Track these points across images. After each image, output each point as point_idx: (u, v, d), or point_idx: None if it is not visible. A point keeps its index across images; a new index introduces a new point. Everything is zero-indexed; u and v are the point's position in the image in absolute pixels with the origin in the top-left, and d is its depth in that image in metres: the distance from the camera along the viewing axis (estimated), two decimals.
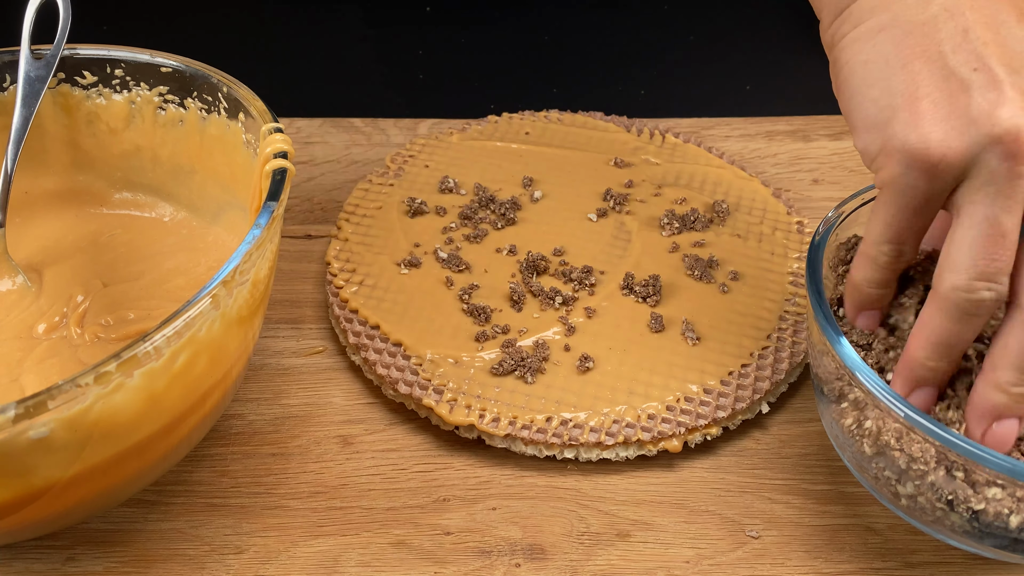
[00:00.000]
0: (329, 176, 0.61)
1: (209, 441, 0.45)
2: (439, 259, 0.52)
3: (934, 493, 0.36)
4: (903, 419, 0.35)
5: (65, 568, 0.40)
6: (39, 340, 0.43)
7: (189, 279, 0.47)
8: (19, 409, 0.29)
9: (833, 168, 0.63)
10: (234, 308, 0.36)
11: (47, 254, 0.48)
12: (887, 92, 0.36)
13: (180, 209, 0.50)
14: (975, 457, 0.34)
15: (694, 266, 0.51)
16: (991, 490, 0.35)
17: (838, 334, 0.38)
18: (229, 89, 0.45)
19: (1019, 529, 0.35)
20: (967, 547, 0.38)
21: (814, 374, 0.42)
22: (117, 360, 0.31)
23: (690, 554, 0.41)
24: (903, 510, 0.39)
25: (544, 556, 0.41)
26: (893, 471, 0.37)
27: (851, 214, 0.45)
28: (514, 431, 0.44)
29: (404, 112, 0.66)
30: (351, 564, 0.40)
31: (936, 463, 0.36)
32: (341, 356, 0.49)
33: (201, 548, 0.41)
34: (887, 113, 0.35)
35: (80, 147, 0.50)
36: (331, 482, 0.43)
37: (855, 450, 0.39)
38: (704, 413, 0.44)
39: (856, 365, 0.37)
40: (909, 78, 0.35)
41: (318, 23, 0.80)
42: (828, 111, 0.68)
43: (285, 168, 0.40)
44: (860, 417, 0.38)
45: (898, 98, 0.35)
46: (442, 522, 0.42)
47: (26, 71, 0.46)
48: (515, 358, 0.46)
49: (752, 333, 0.49)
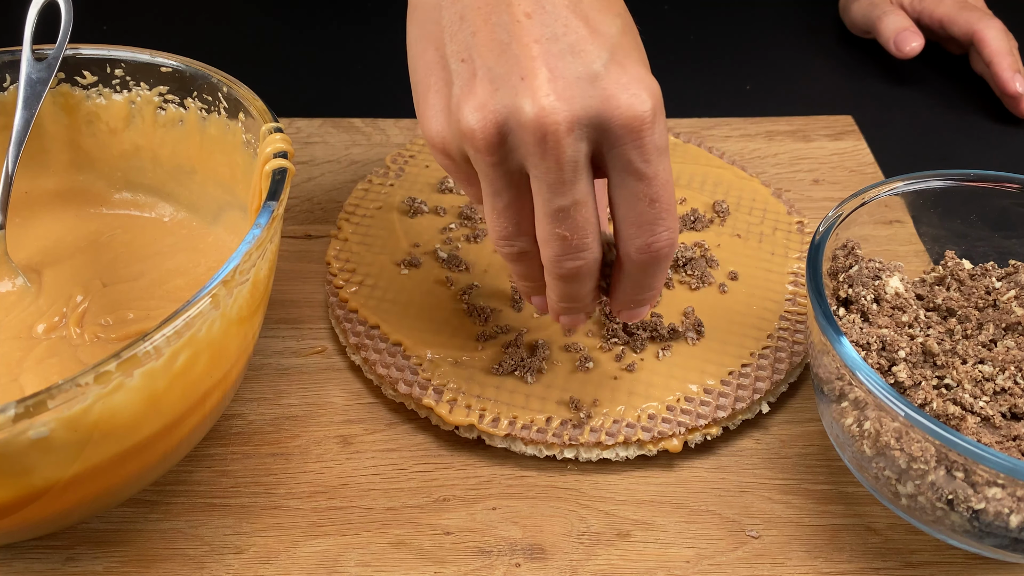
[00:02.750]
0: (329, 176, 0.61)
1: (209, 441, 0.45)
2: (439, 259, 0.52)
3: (934, 493, 0.36)
4: (903, 419, 0.35)
5: (65, 568, 0.40)
6: (39, 340, 0.43)
7: (189, 279, 0.47)
8: (19, 409, 0.29)
9: (833, 168, 0.63)
10: (234, 308, 0.36)
11: (47, 254, 0.48)
12: (415, 78, 0.37)
13: (180, 209, 0.50)
14: (975, 456, 0.34)
15: (694, 266, 0.51)
16: (991, 489, 0.35)
17: (838, 334, 0.38)
18: (229, 89, 0.45)
19: (1019, 528, 0.35)
20: (967, 547, 0.38)
21: (814, 374, 0.42)
22: (117, 360, 0.31)
23: (690, 554, 0.41)
24: (903, 510, 0.39)
25: (544, 556, 0.41)
26: (893, 471, 0.37)
27: (851, 214, 0.45)
28: (514, 431, 0.44)
29: (404, 112, 0.66)
30: (351, 564, 0.40)
31: (936, 463, 0.36)
32: (341, 356, 0.49)
33: (201, 548, 0.41)
34: (415, 97, 0.37)
35: (80, 147, 0.50)
36: (331, 482, 0.43)
37: (855, 450, 0.39)
38: (704, 413, 0.44)
39: (856, 365, 0.37)
40: (425, 67, 0.36)
41: (318, 23, 0.80)
42: (828, 111, 0.68)
43: (285, 168, 0.40)
44: (860, 417, 0.38)
45: (420, 85, 0.37)
46: (442, 522, 0.42)
47: (27, 73, 0.46)
48: (515, 358, 0.46)
49: (752, 333, 0.49)
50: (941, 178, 0.47)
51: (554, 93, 0.33)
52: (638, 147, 0.34)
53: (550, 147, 0.33)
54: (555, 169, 0.33)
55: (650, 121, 0.33)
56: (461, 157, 0.36)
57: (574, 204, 0.34)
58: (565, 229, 0.35)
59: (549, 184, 0.34)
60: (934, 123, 0.70)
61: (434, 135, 0.36)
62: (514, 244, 0.37)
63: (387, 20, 0.80)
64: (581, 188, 0.34)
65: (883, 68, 0.75)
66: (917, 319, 0.43)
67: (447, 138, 0.36)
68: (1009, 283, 0.45)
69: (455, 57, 0.35)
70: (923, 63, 0.74)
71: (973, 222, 0.48)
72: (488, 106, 0.33)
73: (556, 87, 0.33)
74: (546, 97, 0.33)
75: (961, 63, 0.75)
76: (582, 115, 0.33)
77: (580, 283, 0.37)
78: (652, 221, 0.35)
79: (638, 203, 0.35)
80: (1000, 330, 0.43)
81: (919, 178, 0.46)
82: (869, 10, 0.75)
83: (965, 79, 0.74)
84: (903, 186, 0.46)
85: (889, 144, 0.66)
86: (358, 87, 0.72)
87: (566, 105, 0.33)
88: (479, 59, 0.34)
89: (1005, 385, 0.40)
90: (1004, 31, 0.70)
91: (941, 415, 0.39)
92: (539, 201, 0.35)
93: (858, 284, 0.44)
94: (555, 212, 0.35)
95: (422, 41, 0.37)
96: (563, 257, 0.36)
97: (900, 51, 0.72)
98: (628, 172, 0.34)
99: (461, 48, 0.35)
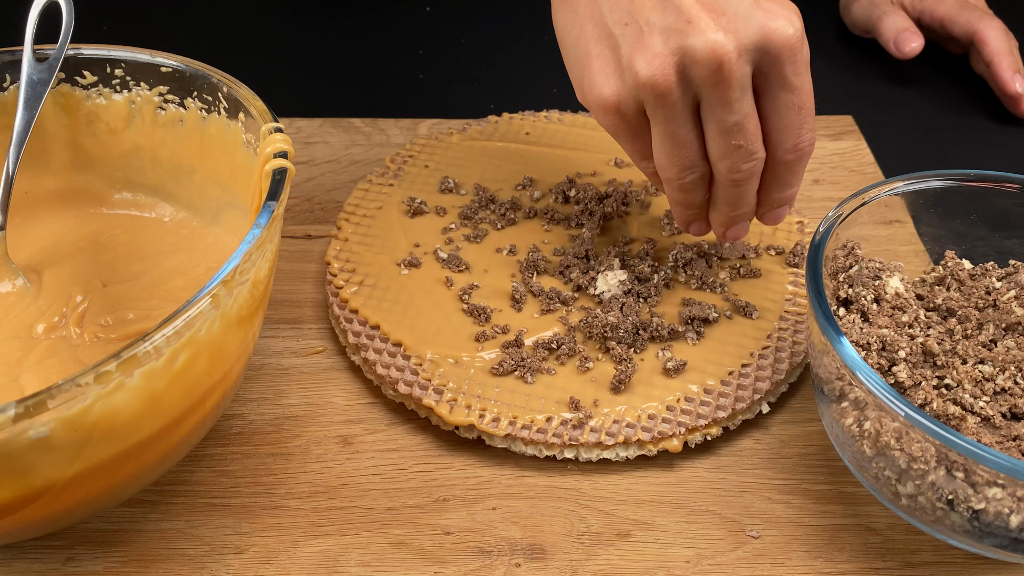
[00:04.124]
0: (329, 176, 0.61)
1: (209, 441, 0.45)
2: (439, 259, 0.52)
3: (934, 493, 0.36)
4: (903, 419, 0.35)
5: (65, 568, 0.40)
6: (38, 340, 0.43)
7: (189, 279, 0.47)
8: (19, 408, 0.29)
9: (833, 168, 0.63)
10: (234, 308, 0.36)
11: (47, 254, 0.48)
12: (574, 55, 0.43)
13: (180, 209, 0.50)
14: (975, 456, 0.34)
15: (694, 266, 0.51)
16: (991, 490, 0.35)
17: (838, 334, 0.38)
18: (229, 89, 0.45)
19: (1019, 529, 0.35)
20: (967, 547, 0.38)
21: (814, 374, 0.42)
22: (117, 360, 0.31)
23: (690, 554, 0.41)
24: (903, 510, 0.39)
25: (544, 556, 0.41)
26: (893, 471, 0.37)
27: (851, 214, 0.45)
28: (514, 431, 0.44)
29: (404, 112, 0.66)
30: (351, 564, 0.40)
31: (936, 463, 0.36)
32: (341, 356, 0.49)
33: (201, 548, 0.41)
34: (577, 72, 0.43)
35: (80, 147, 0.50)
36: (331, 482, 0.43)
37: (855, 450, 0.39)
38: (704, 413, 0.44)
39: (856, 364, 0.37)
40: (583, 40, 0.42)
41: (318, 23, 0.80)
42: (828, 111, 0.68)
43: (285, 168, 0.40)
44: (860, 417, 0.38)
45: (581, 59, 0.42)
46: (442, 522, 0.42)
47: (28, 74, 0.46)
48: (515, 358, 0.46)
49: (752, 333, 0.49)
50: (941, 178, 0.47)
51: (721, 29, 0.39)
52: (792, 62, 0.40)
53: (725, 74, 0.39)
54: (729, 92, 0.39)
55: (799, 39, 0.39)
56: (635, 111, 0.42)
57: (746, 116, 0.40)
58: (739, 139, 0.41)
59: (724, 105, 0.40)
60: (934, 123, 0.70)
61: (608, 96, 0.41)
62: (695, 171, 0.43)
63: (387, 20, 0.80)
64: (748, 102, 0.40)
65: (883, 68, 0.75)
66: (917, 319, 0.43)
67: (622, 95, 0.41)
68: (1009, 283, 0.45)
69: (618, 23, 0.40)
70: (923, 63, 0.74)
71: (973, 222, 0.48)
72: (663, 53, 0.39)
73: (721, 23, 0.39)
74: (715, 33, 0.39)
75: (961, 63, 0.75)
76: (747, 42, 0.39)
77: (750, 184, 0.43)
78: (799, 124, 0.41)
79: (788, 111, 0.41)
80: (1000, 330, 0.43)
81: (919, 178, 0.46)
82: (869, 10, 0.75)
83: (965, 79, 0.74)
84: (903, 186, 0.46)
85: (889, 144, 0.66)
86: (358, 87, 0.72)
87: (733, 36, 0.39)
88: (642, 19, 0.40)
89: (1005, 385, 0.40)
90: (1004, 31, 0.70)
91: (941, 415, 0.39)
92: (714, 123, 0.41)
93: (858, 284, 0.44)
94: (732, 127, 0.40)
95: (576, 20, 0.42)
96: (741, 162, 0.42)
97: (900, 51, 0.72)
98: (781, 86, 0.40)
99: (623, 14, 0.40)
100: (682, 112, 0.41)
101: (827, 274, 0.45)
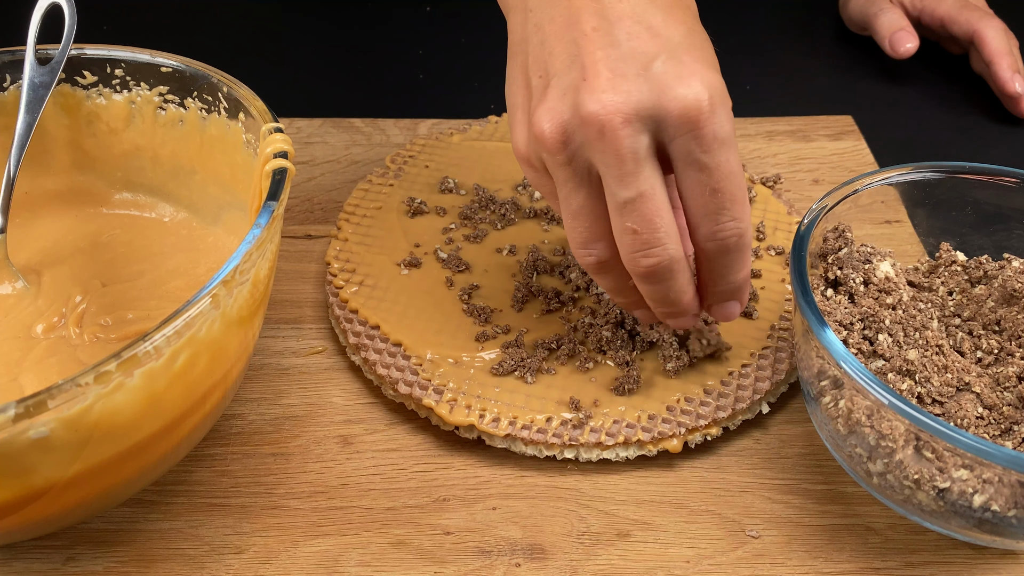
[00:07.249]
0: (329, 176, 0.61)
1: (209, 441, 0.45)
2: (439, 259, 0.52)
3: (902, 471, 0.36)
4: (874, 397, 0.36)
5: (65, 568, 0.40)
6: (38, 340, 0.43)
7: (189, 279, 0.47)
8: (19, 408, 0.29)
9: (833, 168, 0.63)
10: (234, 308, 0.36)
11: (47, 254, 0.48)
12: (508, 105, 0.40)
13: (180, 209, 0.50)
14: (941, 435, 0.34)
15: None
16: (958, 471, 0.35)
17: (819, 318, 0.38)
18: (229, 89, 0.45)
19: (982, 508, 0.35)
20: (940, 528, 0.39)
21: (799, 364, 0.42)
22: (117, 360, 0.31)
23: (690, 554, 0.41)
24: (875, 488, 0.39)
25: (544, 556, 0.41)
26: (864, 448, 0.38)
27: (835, 206, 0.45)
28: (514, 431, 0.44)
29: (404, 112, 0.66)
30: (351, 564, 0.40)
31: (904, 441, 0.36)
32: (341, 356, 0.49)
33: (201, 548, 0.41)
34: (510, 123, 0.40)
35: (80, 147, 0.50)
36: (331, 482, 0.43)
37: (831, 429, 0.40)
38: (704, 413, 0.44)
39: (830, 342, 0.37)
40: (515, 88, 0.40)
41: (318, 23, 0.80)
42: (828, 111, 0.68)
43: (285, 168, 0.40)
44: (837, 396, 0.39)
45: (510, 109, 0.40)
46: (442, 522, 0.42)
47: (30, 76, 0.46)
48: (515, 358, 0.46)
49: (752, 333, 0.49)
50: (933, 170, 0.47)
51: (611, 89, 0.35)
52: (696, 137, 0.35)
53: (608, 139, 0.35)
54: (616, 161, 0.35)
55: (707, 111, 0.35)
56: (542, 166, 0.38)
57: (639, 196, 0.36)
58: (633, 222, 0.36)
59: (613, 177, 0.36)
60: (934, 123, 0.70)
61: (520, 148, 0.39)
62: (591, 251, 0.39)
63: (387, 20, 0.80)
64: (645, 180, 0.36)
65: (883, 67, 0.75)
66: (901, 301, 0.43)
67: (528, 148, 0.39)
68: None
69: (535, 75, 0.38)
70: (923, 63, 0.75)
71: (968, 216, 0.47)
72: (556, 109, 0.36)
73: (613, 83, 0.35)
74: (603, 93, 0.35)
75: (961, 63, 0.75)
76: (639, 107, 0.35)
77: (665, 283, 0.38)
78: (716, 211, 0.37)
79: (700, 193, 0.36)
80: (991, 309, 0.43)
81: (911, 169, 0.46)
82: (866, 6, 0.75)
83: (965, 79, 0.74)
84: (896, 176, 0.46)
85: (889, 144, 0.66)
86: (358, 87, 0.72)
87: (623, 98, 0.35)
88: (552, 72, 0.37)
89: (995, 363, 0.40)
90: (1004, 31, 0.70)
91: (925, 396, 0.39)
92: (608, 197, 0.37)
93: (848, 266, 0.44)
94: (621, 205, 0.36)
95: (514, 70, 0.40)
96: (636, 254, 0.37)
97: (895, 51, 0.72)
98: (689, 163, 0.36)
99: (540, 66, 0.38)
100: (575, 176, 0.37)
101: (816, 255, 0.44)
